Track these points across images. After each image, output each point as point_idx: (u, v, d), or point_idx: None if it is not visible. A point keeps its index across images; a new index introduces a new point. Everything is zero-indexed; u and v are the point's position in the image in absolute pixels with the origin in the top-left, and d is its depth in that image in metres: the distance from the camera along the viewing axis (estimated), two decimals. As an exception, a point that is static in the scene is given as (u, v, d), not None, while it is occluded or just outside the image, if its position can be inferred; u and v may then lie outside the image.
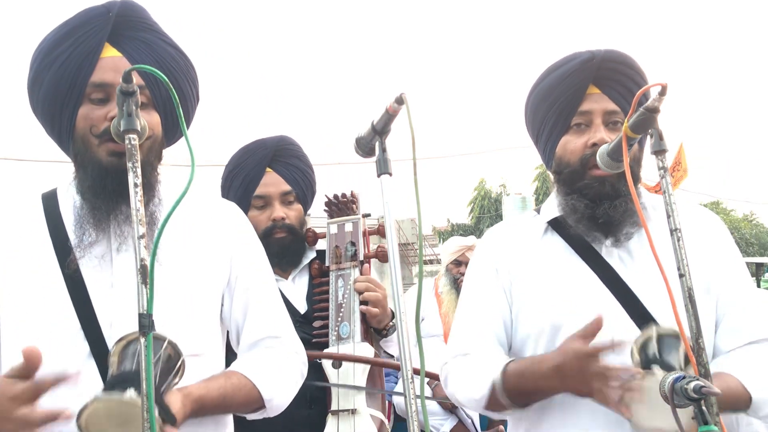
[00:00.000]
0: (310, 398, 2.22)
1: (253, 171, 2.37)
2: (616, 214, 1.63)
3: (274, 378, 1.59)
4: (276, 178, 2.37)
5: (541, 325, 1.64)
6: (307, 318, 2.33)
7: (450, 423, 4.04)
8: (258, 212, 2.36)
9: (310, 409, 2.22)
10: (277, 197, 2.36)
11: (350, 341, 2.21)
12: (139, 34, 1.53)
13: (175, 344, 1.35)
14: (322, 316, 2.30)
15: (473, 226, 35.37)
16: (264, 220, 2.35)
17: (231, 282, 1.62)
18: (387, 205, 1.25)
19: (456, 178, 51.36)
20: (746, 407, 1.52)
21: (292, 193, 2.39)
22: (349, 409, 2.14)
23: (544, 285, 1.67)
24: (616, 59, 1.70)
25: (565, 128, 1.70)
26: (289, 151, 2.43)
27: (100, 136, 1.47)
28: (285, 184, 2.38)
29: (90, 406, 1.23)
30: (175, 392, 1.36)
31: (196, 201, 1.65)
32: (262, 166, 2.37)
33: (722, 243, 1.70)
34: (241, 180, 2.38)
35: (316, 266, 2.41)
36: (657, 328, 1.42)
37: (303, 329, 2.27)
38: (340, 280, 2.31)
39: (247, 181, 2.37)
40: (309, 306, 2.36)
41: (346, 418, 2.14)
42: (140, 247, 1.11)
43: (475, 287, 1.79)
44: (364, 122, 1.34)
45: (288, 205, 2.39)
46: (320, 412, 2.21)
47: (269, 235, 2.33)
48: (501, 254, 1.77)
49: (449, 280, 4.50)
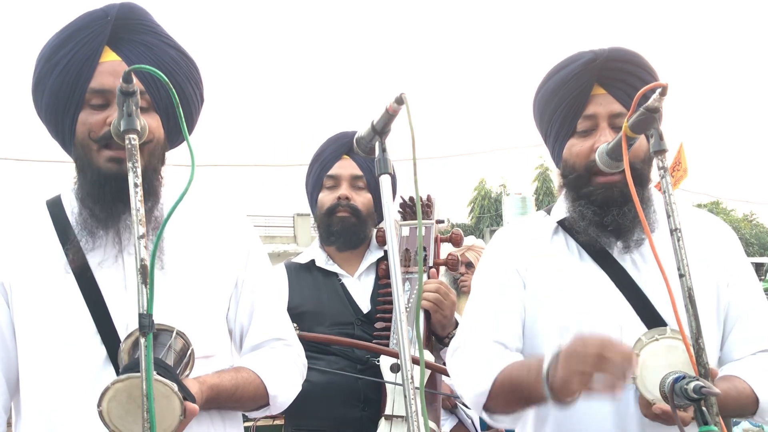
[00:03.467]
0: (364, 399, 2.22)
1: (331, 155, 2.42)
2: (625, 221, 1.60)
3: (279, 376, 1.62)
4: (350, 163, 2.41)
5: (552, 326, 1.63)
6: (369, 318, 2.32)
7: (450, 423, 4.03)
8: (327, 192, 2.41)
9: (363, 411, 2.21)
10: (347, 179, 2.40)
11: (412, 347, 2.20)
12: (138, 36, 1.52)
13: (184, 334, 1.39)
14: (385, 318, 2.28)
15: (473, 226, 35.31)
16: (330, 199, 2.40)
17: (238, 285, 1.63)
18: (387, 205, 1.25)
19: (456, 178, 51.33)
20: (754, 411, 1.52)
21: (363, 179, 2.41)
22: (404, 416, 2.10)
23: (557, 286, 1.66)
24: (621, 58, 1.65)
25: (571, 131, 1.66)
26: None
27: (98, 140, 1.47)
28: (357, 169, 2.41)
29: (111, 388, 1.24)
30: (191, 380, 1.40)
31: (203, 205, 1.67)
32: (340, 152, 2.42)
33: (734, 252, 1.69)
34: (319, 164, 2.44)
35: (383, 267, 2.40)
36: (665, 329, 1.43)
37: (364, 329, 2.29)
38: (407, 284, 2.29)
39: (324, 164, 2.43)
40: (372, 306, 2.35)
41: (399, 424, 2.11)
42: (140, 247, 1.12)
43: (490, 284, 1.73)
44: (364, 122, 1.34)
45: (357, 190, 2.41)
46: (373, 415, 2.19)
47: (332, 213, 2.38)
48: (515, 253, 1.73)
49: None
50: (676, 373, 1.23)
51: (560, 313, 1.63)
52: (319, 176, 2.43)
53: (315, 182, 2.44)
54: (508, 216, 25.91)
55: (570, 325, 1.60)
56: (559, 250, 1.71)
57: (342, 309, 2.34)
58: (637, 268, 1.63)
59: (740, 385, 1.51)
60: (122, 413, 1.25)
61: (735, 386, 1.49)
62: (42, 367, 1.46)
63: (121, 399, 1.24)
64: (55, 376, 1.45)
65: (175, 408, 1.25)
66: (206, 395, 1.42)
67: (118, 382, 1.24)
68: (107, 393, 1.24)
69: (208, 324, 1.56)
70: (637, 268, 1.63)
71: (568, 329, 1.60)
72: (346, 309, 2.34)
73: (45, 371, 1.46)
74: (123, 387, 1.24)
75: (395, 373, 2.15)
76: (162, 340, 1.37)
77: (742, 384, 1.51)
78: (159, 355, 1.33)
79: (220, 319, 1.61)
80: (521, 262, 1.71)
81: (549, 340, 1.63)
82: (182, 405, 1.25)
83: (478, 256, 4.44)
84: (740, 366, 1.58)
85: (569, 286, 1.64)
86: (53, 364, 1.45)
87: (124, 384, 1.24)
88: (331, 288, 2.38)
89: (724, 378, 1.53)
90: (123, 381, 1.24)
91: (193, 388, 1.36)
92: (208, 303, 1.57)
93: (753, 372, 1.54)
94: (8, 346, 1.50)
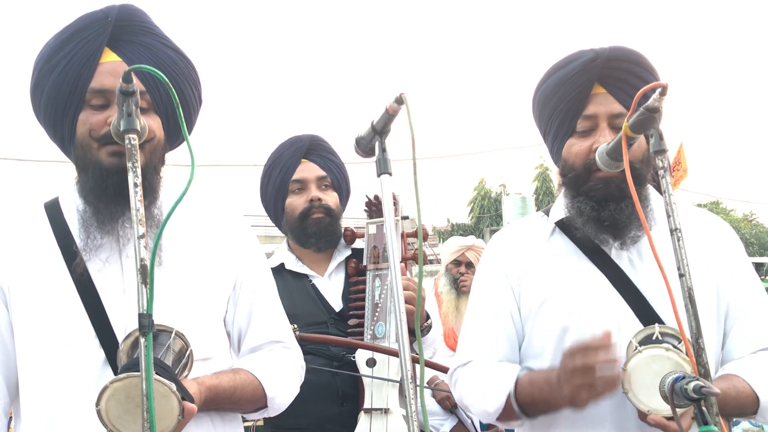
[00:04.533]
0: (342, 395, 2.25)
1: (290, 161, 2.47)
2: (621, 216, 1.61)
3: (277, 378, 1.62)
4: (312, 166, 2.47)
5: (550, 327, 1.63)
6: (342, 316, 2.37)
7: (450, 423, 4.03)
8: (296, 197, 2.45)
9: (341, 406, 2.25)
10: (314, 181, 2.46)
11: (385, 341, 2.24)
12: (138, 38, 1.53)
13: (183, 335, 1.39)
14: (358, 314, 2.33)
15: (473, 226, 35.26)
16: (301, 203, 2.44)
17: (236, 288, 1.63)
18: (387, 205, 1.25)
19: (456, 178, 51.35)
20: (754, 411, 1.51)
21: (327, 179, 2.47)
22: (382, 408, 2.16)
23: (553, 287, 1.66)
24: (623, 57, 1.64)
25: (571, 130, 1.66)
26: (323, 146, 2.53)
27: (100, 139, 1.47)
28: (320, 170, 2.47)
29: (109, 387, 1.24)
30: (189, 380, 1.40)
31: (202, 207, 1.67)
32: (298, 156, 2.47)
33: (734, 251, 1.69)
34: (279, 170, 2.47)
35: (352, 264, 2.44)
36: (659, 326, 1.44)
37: (338, 327, 2.33)
38: (377, 280, 2.34)
39: (285, 170, 2.46)
40: (344, 304, 2.39)
41: (379, 416, 2.16)
42: (140, 247, 1.12)
43: (483, 292, 1.77)
44: (364, 122, 1.34)
45: (324, 190, 2.47)
46: (352, 410, 2.23)
47: (307, 216, 2.42)
48: (509, 258, 1.75)
49: (449, 280, 4.49)
50: (675, 374, 1.23)
51: (558, 314, 1.63)
52: (282, 182, 2.46)
53: (278, 188, 2.47)
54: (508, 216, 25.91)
55: (569, 325, 1.60)
56: (556, 251, 1.71)
57: (315, 309, 2.39)
58: (634, 267, 1.63)
59: (740, 384, 1.50)
60: (120, 412, 1.24)
61: (734, 385, 1.49)
62: (41, 370, 1.46)
63: (119, 398, 1.24)
64: (54, 379, 1.45)
65: (173, 408, 1.24)
66: (204, 396, 1.42)
67: (116, 381, 1.24)
68: (105, 392, 1.24)
69: (206, 326, 1.55)
70: (634, 267, 1.63)
71: (567, 330, 1.60)
72: (318, 309, 2.39)
73: (44, 374, 1.46)
74: (121, 386, 1.24)
75: (371, 367, 2.21)
76: (161, 341, 1.37)
77: (741, 383, 1.50)
78: (158, 355, 1.32)
79: (218, 322, 1.61)
80: (516, 266, 1.72)
81: (548, 341, 1.64)
82: (180, 405, 1.25)
83: (478, 256, 4.44)
84: (740, 365, 1.57)
85: (566, 286, 1.65)
86: (52, 366, 1.45)
87: (123, 383, 1.24)
88: (302, 289, 2.43)
89: (724, 377, 1.53)
90: (121, 380, 1.24)
91: (191, 388, 1.36)
92: (206, 305, 1.57)
93: (753, 371, 1.54)
94: (8, 349, 1.50)
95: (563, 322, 1.61)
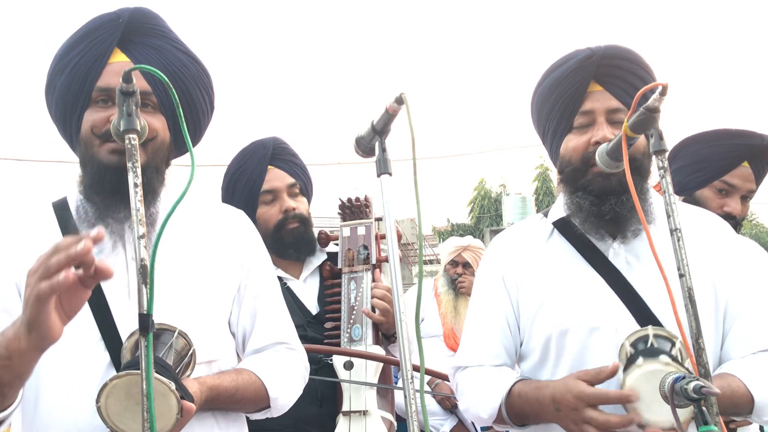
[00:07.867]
0: (321, 397, 2.24)
1: (257, 169, 2.42)
2: (623, 210, 1.60)
3: (280, 378, 1.62)
4: (280, 173, 2.43)
5: (548, 330, 1.64)
6: (318, 319, 2.36)
7: (450, 423, 4.04)
8: (268, 207, 2.41)
9: (320, 408, 2.24)
10: (285, 189, 2.42)
11: (362, 343, 2.24)
12: (149, 40, 1.56)
13: (186, 334, 1.39)
14: (334, 317, 2.32)
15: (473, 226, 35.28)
16: (275, 214, 2.40)
17: (241, 289, 1.64)
18: (387, 205, 1.25)
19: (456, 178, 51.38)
20: (749, 411, 1.51)
21: (297, 185, 2.45)
22: (361, 410, 2.16)
23: (551, 290, 1.66)
24: (618, 55, 1.66)
25: (568, 128, 1.67)
26: (286, 150, 2.49)
27: (101, 136, 1.49)
28: (289, 177, 2.44)
29: (109, 384, 1.24)
30: (190, 380, 1.40)
31: (205, 208, 1.68)
32: (264, 164, 2.42)
33: (731, 249, 1.68)
34: (246, 180, 2.42)
35: (327, 268, 2.44)
36: (653, 328, 1.43)
37: (315, 330, 2.32)
38: (353, 283, 2.33)
39: (252, 179, 2.41)
40: (321, 307, 2.38)
41: (358, 419, 2.16)
42: (140, 247, 1.12)
43: (482, 296, 1.78)
44: (364, 122, 1.34)
45: (295, 197, 2.45)
46: (330, 411, 2.22)
47: (282, 227, 2.39)
48: (507, 261, 1.75)
49: (447, 280, 4.48)
50: (675, 374, 1.23)
51: (556, 317, 1.63)
52: (251, 192, 2.40)
53: (247, 199, 2.40)
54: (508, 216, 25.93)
55: (567, 328, 1.61)
56: (553, 254, 1.71)
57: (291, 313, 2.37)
58: (631, 268, 1.63)
59: (735, 383, 1.49)
60: (120, 410, 1.25)
61: (729, 384, 1.48)
62: (46, 372, 1.45)
63: (119, 396, 1.24)
64: (58, 381, 1.44)
65: (171, 406, 1.24)
66: (205, 395, 1.42)
67: (116, 378, 1.24)
68: (105, 389, 1.24)
69: (210, 328, 1.55)
70: (631, 268, 1.63)
71: (566, 332, 1.61)
72: (295, 312, 2.37)
73: (49, 375, 1.45)
74: (121, 384, 1.24)
75: (348, 370, 2.21)
76: (163, 339, 1.37)
77: (736, 382, 1.50)
78: (159, 354, 1.33)
79: (223, 323, 1.61)
80: (513, 269, 1.73)
81: (546, 342, 1.65)
82: (179, 404, 1.25)
83: (475, 256, 4.44)
84: (736, 364, 1.56)
85: (564, 289, 1.65)
86: (57, 368, 1.44)
87: (122, 381, 1.24)
88: None
89: (719, 376, 1.53)
90: (121, 378, 1.24)
91: (191, 387, 1.36)
92: (210, 307, 1.57)
93: (749, 370, 1.53)
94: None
95: (561, 325, 1.62)
